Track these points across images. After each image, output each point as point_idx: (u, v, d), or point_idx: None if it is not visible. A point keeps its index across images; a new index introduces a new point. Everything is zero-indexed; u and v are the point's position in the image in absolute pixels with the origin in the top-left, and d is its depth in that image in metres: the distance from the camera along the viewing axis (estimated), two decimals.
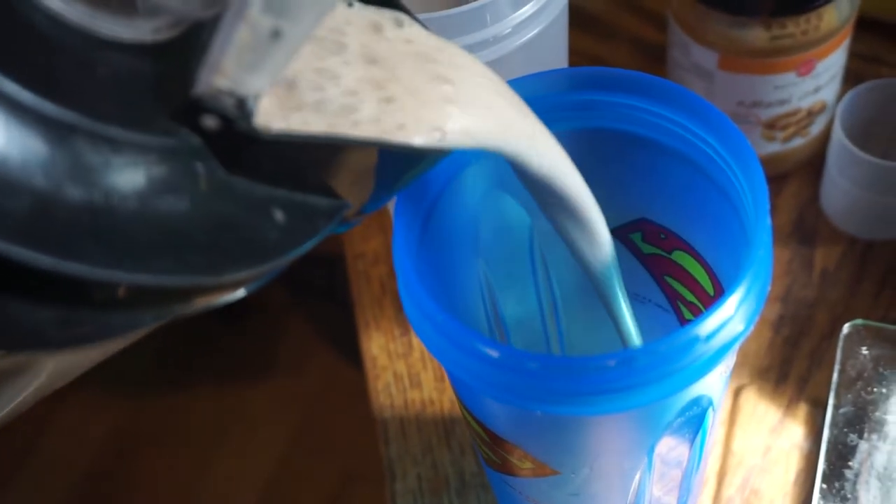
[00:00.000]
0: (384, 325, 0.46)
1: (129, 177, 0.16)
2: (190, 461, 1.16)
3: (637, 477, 0.28)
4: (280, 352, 1.23)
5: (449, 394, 0.43)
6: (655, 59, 0.54)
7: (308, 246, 0.19)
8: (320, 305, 1.25)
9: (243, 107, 0.17)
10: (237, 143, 0.18)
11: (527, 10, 0.31)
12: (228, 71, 0.17)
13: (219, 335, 1.25)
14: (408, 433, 0.42)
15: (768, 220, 0.23)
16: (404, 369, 0.44)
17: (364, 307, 0.47)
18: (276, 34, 0.17)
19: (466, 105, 0.21)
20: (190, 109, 0.17)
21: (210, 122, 0.17)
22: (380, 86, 0.20)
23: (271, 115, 0.18)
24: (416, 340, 0.45)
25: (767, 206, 0.23)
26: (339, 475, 1.11)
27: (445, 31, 0.30)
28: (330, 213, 0.20)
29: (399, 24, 0.21)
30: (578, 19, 0.37)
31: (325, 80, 0.19)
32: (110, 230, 0.15)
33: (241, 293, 0.19)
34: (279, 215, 0.19)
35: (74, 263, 0.15)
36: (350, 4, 0.20)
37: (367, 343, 0.45)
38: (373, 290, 0.47)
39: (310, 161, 0.19)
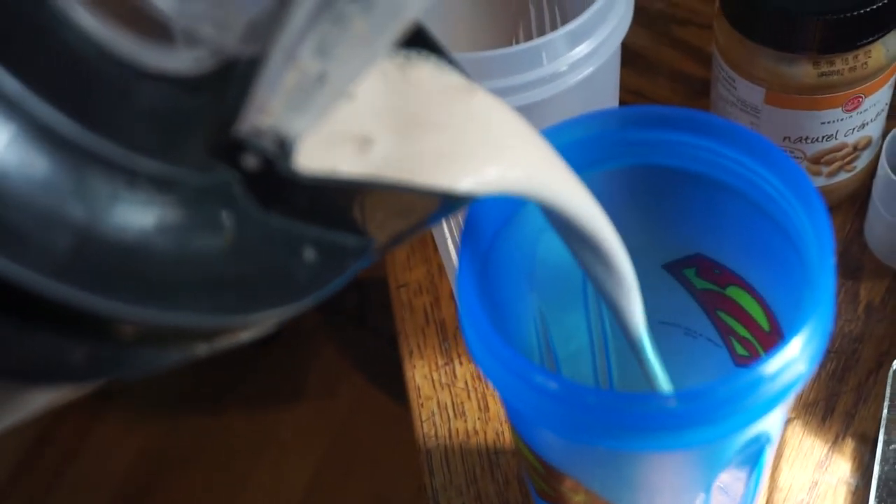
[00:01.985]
0: (428, 355, 0.46)
1: (165, 213, 0.16)
2: (222, 483, 1.16)
3: None
4: (311, 375, 1.24)
5: (493, 424, 0.43)
6: (697, 93, 0.55)
7: (336, 286, 0.19)
8: (351, 329, 1.26)
9: (284, 146, 0.17)
10: (275, 182, 0.18)
11: (582, 49, 0.31)
12: (274, 111, 0.17)
13: (250, 358, 1.26)
14: (452, 464, 0.43)
15: (833, 259, 0.23)
16: (448, 399, 0.44)
17: (407, 337, 0.47)
18: (322, 77, 0.17)
19: (505, 152, 0.21)
20: (230, 147, 0.17)
21: (251, 161, 0.17)
22: (422, 132, 0.20)
23: (312, 157, 0.18)
24: (459, 370, 0.45)
25: (832, 245, 0.23)
26: (371, 498, 1.11)
27: (502, 69, 0.31)
28: (358, 252, 0.20)
29: (438, 69, 0.21)
30: (621, 54, 0.37)
31: (366, 124, 0.20)
32: (146, 267, 0.15)
33: (262, 333, 0.19)
34: (310, 254, 0.19)
35: (111, 302, 0.15)
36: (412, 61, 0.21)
37: (411, 372, 0.46)
38: (416, 319, 0.48)
39: (345, 201, 0.19)
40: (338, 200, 0.19)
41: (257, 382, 1.24)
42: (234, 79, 0.17)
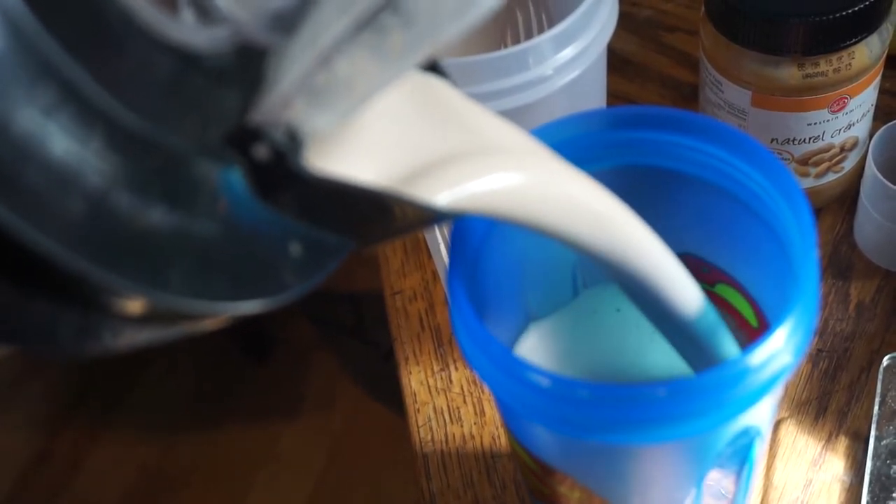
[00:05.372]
0: (423, 361, 0.46)
1: (171, 194, 0.16)
2: (222, 499, 1.16)
3: None
4: (307, 389, 1.24)
5: (489, 429, 0.44)
6: (685, 97, 0.55)
7: (314, 283, 0.20)
8: (347, 342, 1.26)
9: (296, 140, 0.18)
10: (279, 175, 0.18)
11: (568, 53, 0.32)
12: (297, 107, 0.18)
13: (246, 374, 1.26)
14: (449, 468, 0.43)
15: (816, 252, 0.24)
16: (444, 404, 0.45)
17: (403, 343, 0.47)
18: (351, 82, 0.18)
19: (508, 173, 0.22)
20: (242, 134, 0.17)
21: (262, 151, 0.18)
22: (429, 150, 0.21)
23: (321, 157, 0.19)
24: (455, 375, 0.45)
25: (815, 238, 0.24)
26: None
27: (489, 73, 0.31)
28: (337, 252, 0.20)
29: (441, 89, 0.22)
30: (610, 60, 0.38)
31: (378, 134, 0.20)
32: (148, 245, 0.16)
33: (237, 321, 0.19)
34: (295, 249, 0.19)
35: (112, 275, 0.15)
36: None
37: (407, 378, 0.46)
38: (412, 326, 0.48)
39: (339, 204, 0.20)
40: (332, 202, 0.20)
41: (255, 397, 1.25)
42: (250, 66, 0.17)
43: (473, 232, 0.27)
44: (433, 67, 0.22)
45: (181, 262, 0.16)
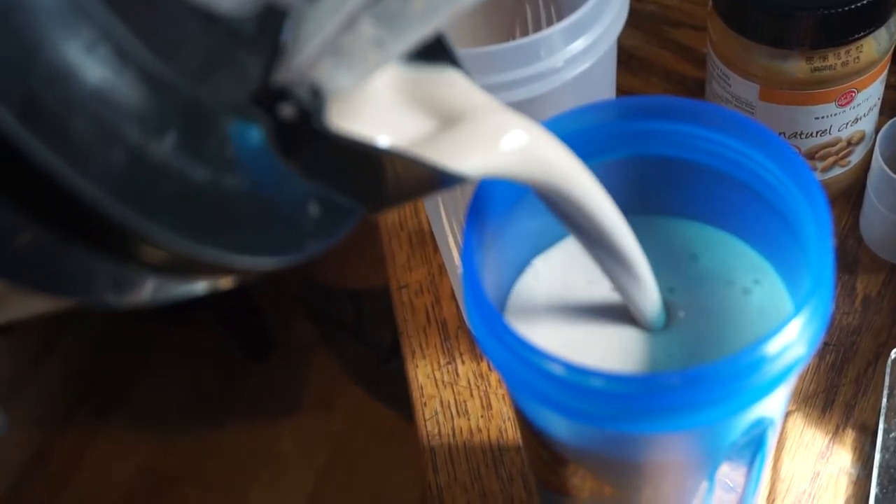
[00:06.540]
0: (430, 355, 0.46)
1: (204, 147, 0.16)
2: (221, 499, 1.16)
3: (697, 500, 0.29)
4: (307, 389, 1.24)
5: (496, 422, 0.44)
6: (690, 93, 0.55)
7: (330, 243, 0.20)
8: (347, 341, 1.26)
9: (319, 98, 0.18)
10: (302, 133, 0.18)
11: (579, 45, 0.32)
12: (323, 67, 0.18)
13: (247, 373, 1.26)
14: (456, 461, 0.43)
15: (831, 242, 0.24)
16: (451, 398, 0.45)
17: (409, 337, 0.47)
18: (375, 44, 0.18)
19: (501, 143, 0.22)
20: (267, 94, 0.18)
21: (288, 111, 0.18)
22: (434, 116, 0.22)
23: (343, 117, 0.19)
24: (461, 369, 0.45)
25: (830, 228, 0.24)
26: None
27: (500, 64, 0.31)
28: (350, 214, 0.21)
29: (448, 72, 0.23)
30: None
31: (388, 101, 0.21)
32: (183, 197, 0.16)
33: (254, 279, 0.20)
34: (314, 209, 0.19)
35: (152, 224, 0.15)
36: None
37: (413, 372, 0.46)
38: (418, 320, 0.48)
39: (356, 165, 0.20)
40: (350, 161, 0.20)
41: (255, 396, 1.24)
42: (272, 29, 0.18)
43: (489, 218, 0.27)
44: (441, 48, 0.23)
45: (211, 214, 0.17)
